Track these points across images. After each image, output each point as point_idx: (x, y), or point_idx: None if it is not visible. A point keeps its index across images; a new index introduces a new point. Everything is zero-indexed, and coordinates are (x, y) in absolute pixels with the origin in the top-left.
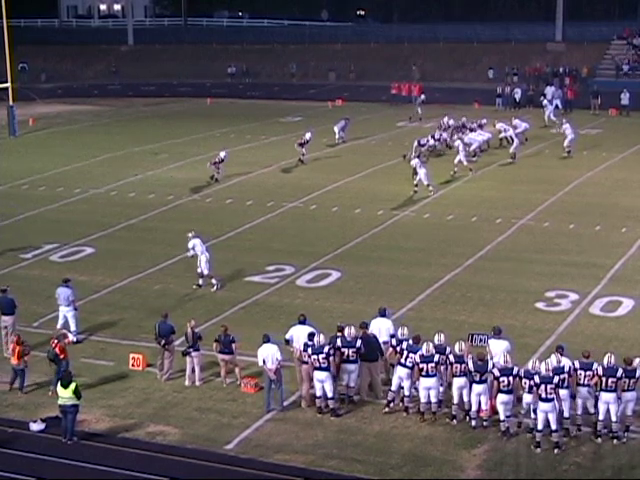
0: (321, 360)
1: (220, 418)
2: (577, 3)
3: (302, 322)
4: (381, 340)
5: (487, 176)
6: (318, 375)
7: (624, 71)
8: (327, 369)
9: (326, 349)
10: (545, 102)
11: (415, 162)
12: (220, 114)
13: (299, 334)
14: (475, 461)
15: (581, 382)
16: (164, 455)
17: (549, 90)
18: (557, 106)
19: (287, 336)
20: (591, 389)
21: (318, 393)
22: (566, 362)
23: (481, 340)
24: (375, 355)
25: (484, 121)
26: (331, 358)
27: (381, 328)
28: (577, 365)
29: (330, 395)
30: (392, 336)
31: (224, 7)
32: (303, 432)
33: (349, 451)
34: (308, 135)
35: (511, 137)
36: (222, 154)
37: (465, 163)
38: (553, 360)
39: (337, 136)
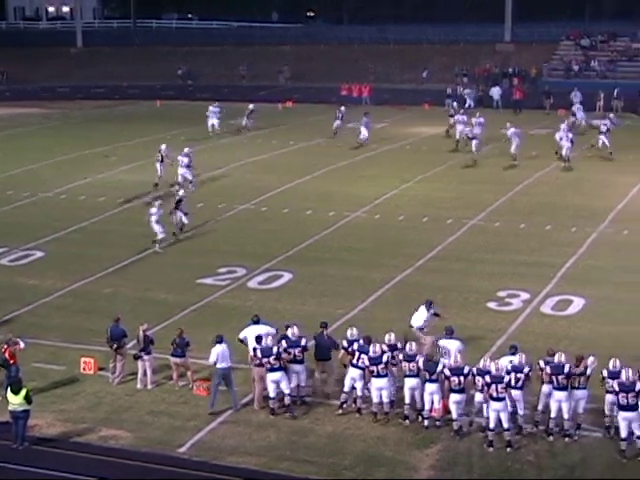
0: (272, 362)
1: (173, 421)
2: (526, 4)
3: (256, 322)
4: (451, 360)
5: (437, 177)
6: (272, 376)
7: (574, 71)
8: (280, 369)
9: (275, 349)
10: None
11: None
12: (170, 116)
13: (253, 334)
14: (428, 461)
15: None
16: (117, 459)
17: (494, 90)
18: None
19: (241, 336)
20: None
21: (272, 394)
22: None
23: (436, 314)
24: (328, 354)
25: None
26: (284, 355)
27: (452, 348)
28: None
29: (287, 392)
30: (351, 343)
31: (173, 9)
32: (256, 434)
33: (302, 452)
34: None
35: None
36: (162, 147)
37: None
38: (515, 360)
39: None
